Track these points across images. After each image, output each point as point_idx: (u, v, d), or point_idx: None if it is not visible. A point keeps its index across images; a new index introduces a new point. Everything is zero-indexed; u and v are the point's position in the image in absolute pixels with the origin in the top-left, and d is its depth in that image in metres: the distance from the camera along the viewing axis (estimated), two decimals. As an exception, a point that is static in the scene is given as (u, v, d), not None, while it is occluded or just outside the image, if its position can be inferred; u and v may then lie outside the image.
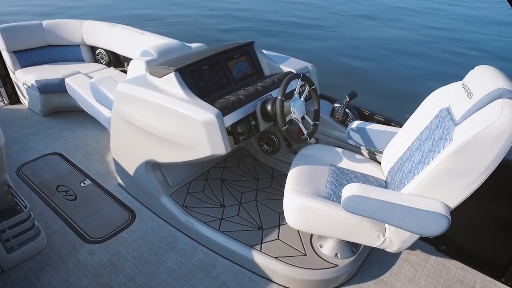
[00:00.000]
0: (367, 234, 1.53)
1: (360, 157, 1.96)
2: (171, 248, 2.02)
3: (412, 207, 1.30)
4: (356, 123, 1.94)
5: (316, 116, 1.99)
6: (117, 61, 3.63)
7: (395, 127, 1.88)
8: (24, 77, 3.23)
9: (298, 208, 1.56)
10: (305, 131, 1.93)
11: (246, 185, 2.38)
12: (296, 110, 1.84)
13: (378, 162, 2.01)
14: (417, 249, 2.08)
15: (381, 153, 2.03)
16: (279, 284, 1.83)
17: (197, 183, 2.35)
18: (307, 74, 2.31)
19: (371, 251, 2.03)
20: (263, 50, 2.35)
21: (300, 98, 1.89)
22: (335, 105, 2.19)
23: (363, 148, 2.13)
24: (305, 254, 1.85)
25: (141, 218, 2.23)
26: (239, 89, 2.01)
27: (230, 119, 1.78)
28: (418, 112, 1.69)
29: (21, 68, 3.40)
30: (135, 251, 1.99)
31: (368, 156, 2.13)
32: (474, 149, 1.18)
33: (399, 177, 1.55)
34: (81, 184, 2.50)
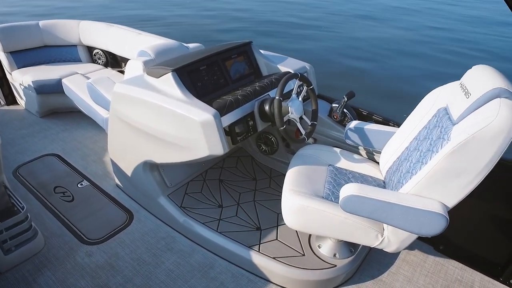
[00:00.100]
0: (365, 234, 1.52)
1: (358, 157, 1.96)
2: (169, 249, 2.01)
3: (410, 207, 1.30)
4: (354, 123, 1.94)
5: (314, 116, 1.99)
6: (114, 61, 3.61)
7: (393, 127, 1.88)
8: (21, 78, 3.21)
9: (296, 208, 1.56)
10: (303, 131, 1.93)
11: (244, 185, 2.37)
12: (294, 110, 1.84)
13: (376, 162, 2.01)
14: (415, 249, 2.08)
15: (379, 153, 2.03)
16: (277, 284, 1.83)
17: (195, 184, 2.34)
18: (305, 74, 2.31)
19: (369, 251, 2.03)
20: (260, 50, 2.35)
21: (298, 98, 1.89)
22: (333, 105, 2.19)
23: (361, 148, 2.13)
24: (303, 255, 1.84)
25: (139, 219, 2.22)
26: (236, 89, 2.01)
27: (228, 119, 1.78)
28: (416, 112, 1.69)
29: (17, 68, 3.38)
30: (133, 252, 1.98)
31: (366, 156, 2.13)
32: (472, 148, 1.19)
33: (397, 177, 1.55)
34: (78, 185, 2.49)
